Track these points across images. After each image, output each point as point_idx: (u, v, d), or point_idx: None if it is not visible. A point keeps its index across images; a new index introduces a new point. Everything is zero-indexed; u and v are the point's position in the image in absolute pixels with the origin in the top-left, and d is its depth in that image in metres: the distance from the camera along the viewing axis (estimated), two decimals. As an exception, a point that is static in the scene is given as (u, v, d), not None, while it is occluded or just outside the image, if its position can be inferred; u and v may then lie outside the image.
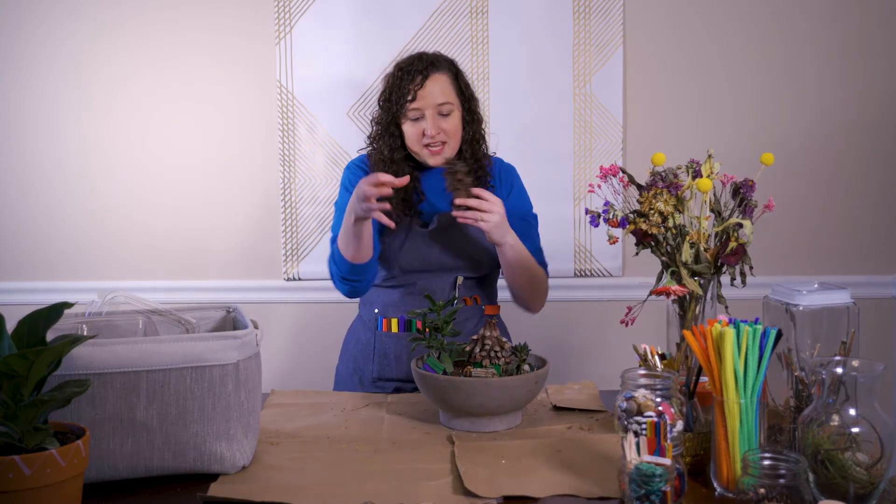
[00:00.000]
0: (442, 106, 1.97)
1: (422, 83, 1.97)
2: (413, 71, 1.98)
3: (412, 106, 1.97)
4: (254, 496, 1.30)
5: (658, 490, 1.17)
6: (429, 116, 1.97)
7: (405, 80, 1.98)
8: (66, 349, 1.17)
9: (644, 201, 1.61)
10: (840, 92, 2.74)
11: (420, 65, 1.99)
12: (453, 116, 1.99)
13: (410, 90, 1.97)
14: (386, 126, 2.02)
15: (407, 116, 1.99)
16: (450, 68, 2.03)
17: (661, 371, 1.43)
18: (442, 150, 2.00)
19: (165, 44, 2.71)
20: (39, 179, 2.75)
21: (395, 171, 1.99)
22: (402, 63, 2.02)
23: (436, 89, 1.97)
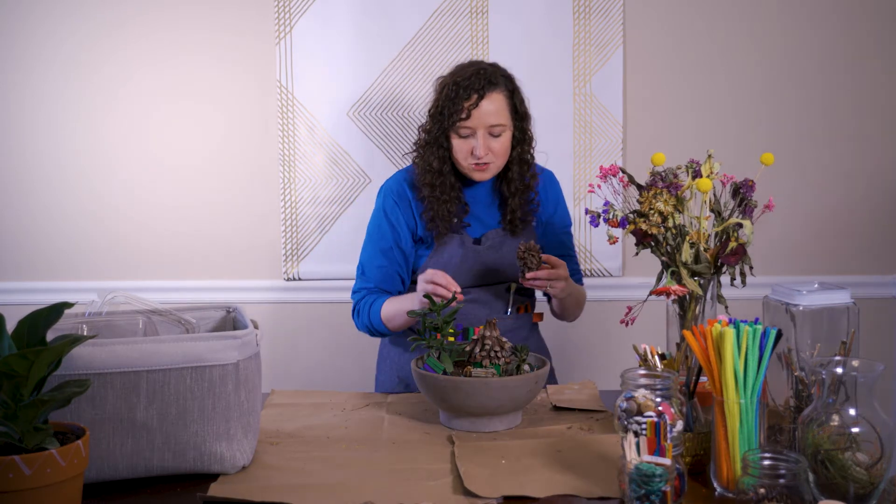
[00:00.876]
0: (494, 127, 1.93)
1: (477, 103, 1.92)
2: (470, 88, 1.92)
3: (464, 124, 1.93)
4: (254, 496, 1.30)
5: (658, 490, 1.17)
6: (480, 136, 1.93)
7: (461, 97, 1.93)
8: (66, 349, 1.17)
9: (644, 201, 1.61)
10: (840, 91, 2.74)
11: (478, 82, 1.93)
12: (504, 137, 1.96)
13: (465, 108, 1.92)
14: (435, 137, 1.98)
15: (457, 132, 1.95)
16: (507, 85, 1.97)
17: (661, 371, 1.43)
18: (488, 168, 1.97)
19: (165, 44, 2.71)
20: (39, 179, 2.75)
21: (442, 183, 1.98)
22: (459, 76, 1.96)
23: (490, 109, 1.93)
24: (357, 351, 2.81)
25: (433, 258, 2.01)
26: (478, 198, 2.06)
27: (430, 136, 2.00)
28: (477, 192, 2.06)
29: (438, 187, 1.98)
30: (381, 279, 2.04)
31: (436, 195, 1.98)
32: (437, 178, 1.98)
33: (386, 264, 2.04)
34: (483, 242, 2.02)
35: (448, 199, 1.99)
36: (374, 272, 2.04)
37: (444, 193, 1.98)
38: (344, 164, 2.74)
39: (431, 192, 1.99)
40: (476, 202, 2.06)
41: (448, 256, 2.00)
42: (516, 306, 2.05)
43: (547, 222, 2.12)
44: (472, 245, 2.01)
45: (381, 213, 2.06)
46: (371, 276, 2.04)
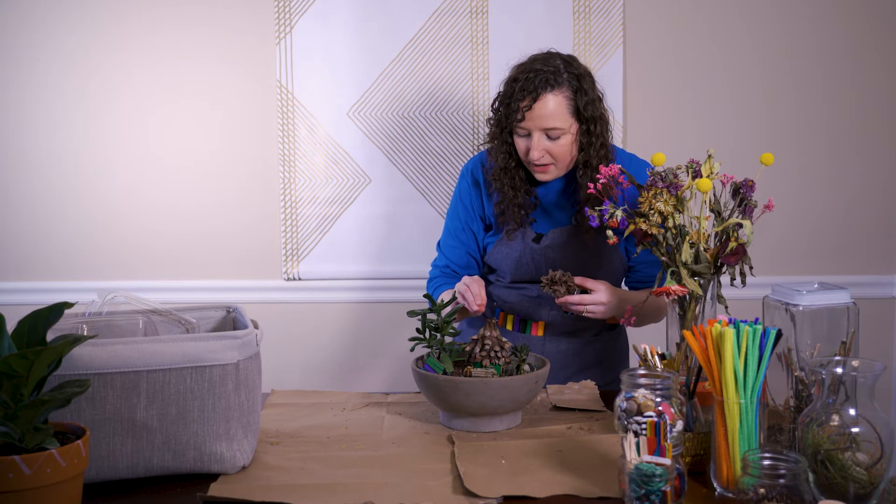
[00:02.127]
0: (551, 130, 1.87)
1: (531, 105, 1.86)
2: (525, 88, 1.87)
3: (520, 125, 1.89)
4: (254, 496, 1.30)
5: (658, 490, 1.17)
6: (535, 138, 1.88)
7: (517, 96, 1.88)
8: (66, 349, 1.17)
9: (644, 201, 1.61)
10: (840, 91, 2.74)
11: (534, 82, 1.86)
12: (563, 139, 1.88)
13: (520, 108, 1.87)
14: (499, 133, 1.96)
15: (516, 132, 1.92)
16: (571, 84, 1.88)
17: (661, 371, 1.43)
18: (548, 169, 1.92)
19: (165, 44, 2.71)
20: (39, 179, 2.75)
21: (510, 178, 1.96)
22: (521, 72, 1.90)
23: (545, 112, 1.86)
24: (357, 351, 2.81)
25: (496, 248, 2.02)
26: (549, 192, 2.01)
27: (495, 131, 1.97)
28: (549, 188, 2.01)
29: (508, 183, 1.97)
30: (452, 258, 2.11)
31: (504, 191, 1.97)
32: (504, 174, 1.97)
33: (456, 245, 2.10)
34: (542, 241, 1.98)
35: (516, 195, 1.96)
36: (447, 251, 2.12)
37: (512, 189, 1.97)
38: (344, 164, 2.74)
39: (501, 187, 1.98)
40: (547, 196, 2.01)
41: (508, 249, 2.00)
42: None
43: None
44: (531, 242, 1.98)
45: (457, 194, 2.11)
46: (445, 253, 2.12)
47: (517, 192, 1.96)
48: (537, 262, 1.98)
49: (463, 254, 2.09)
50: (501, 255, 2.00)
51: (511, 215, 1.97)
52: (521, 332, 2.03)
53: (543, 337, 2.03)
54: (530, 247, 1.98)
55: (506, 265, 2.00)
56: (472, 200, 2.07)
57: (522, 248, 1.98)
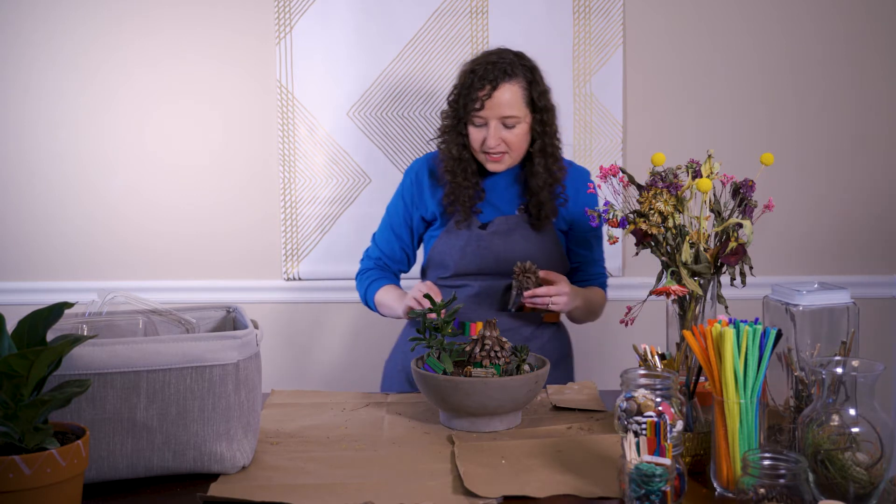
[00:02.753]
0: (507, 119, 1.94)
1: (490, 93, 1.93)
2: (485, 79, 1.94)
3: (477, 114, 1.95)
4: (254, 496, 1.30)
5: (658, 490, 1.17)
6: (491, 127, 1.95)
7: (475, 86, 1.95)
8: (66, 349, 1.17)
9: (644, 201, 1.61)
10: (840, 91, 2.74)
11: (493, 72, 1.94)
12: (518, 128, 1.96)
13: (478, 98, 1.94)
14: (453, 125, 2.01)
15: (472, 121, 1.97)
16: (525, 76, 1.97)
17: (661, 371, 1.43)
18: (502, 159, 1.99)
19: (165, 44, 2.71)
20: (39, 179, 2.75)
21: (462, 169, 2.01)
22: (478, 65, 1.98)
23: (503, 100, 1.94)
24: (357, 351, 2.81)
25: (442, 239, 2.05)
26: (497, 185, 2.07)
27: (449, 124, 2.03)
28: (497, 179, 2.07)
29: (460, 174, 2.01)
30: (386, 251, 2.15)
31: (456, 181, 2.01)
32: (456, 165, 2.01)
33: (392, 239, 2.14)
34: (489, 228, 2.02)
35: (468, 185, 2.01)
36: (382, 244, 2.15)
37: (465, 180, 2.01)
38: (344, 164, 2.74)
39: (452, 178, 2.02)
40: (494, 189, 2.06)
41: (454, 239, 2.03)
42: (517, 304, 2.03)
43: (573, 223, 2.09)
44: (476, 229, 2.02)
45: (399, 191, 2.14)
46: (380, 245, 2.15)
47: (468, 181, 2.01)
48: (483, 251, 2.01)
49: (397, 249, 2.15)
50: (447, 246, 2.03)
51: (461, 204, 2.01)
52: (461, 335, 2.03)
53: None
54: (476, 234, 2.02)
55: (450, 255, 2.02)
56: (412, 198, 2.11)
57: (469, 235, 2.02)
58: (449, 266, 2.04)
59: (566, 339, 2.19)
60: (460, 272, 2.03)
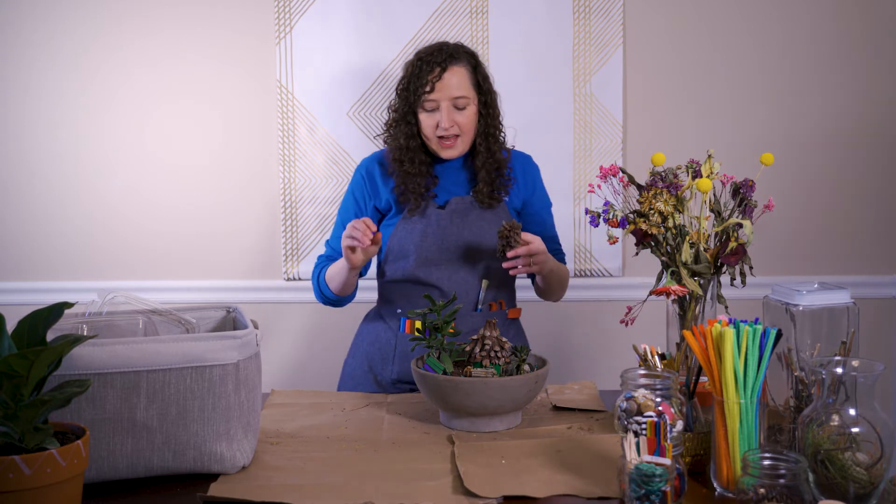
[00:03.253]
0: (458, 99, 1.98)
1: (440, 75, 1.98)
2: (432, 62, 1.99)
3: (429, 97, 1.98)
4: (254, 496, 1.30)
5: (658, 490, 1.17)
6: (444, 109, 1.98)
7: (424, 71, 1.99)
8: (66, 349, 1.17)
9: (644, 201, 1.61)
10: (840, 91, 2.74)
11: (440, 56, 1.99)
12: (468, 110, 2.01)
13: (428, 81, 1.98)
14: (403, 114, 2.04)
15: (423, 107, 2.00)
16: (469, 61, 2.03)
17: (661, 371, 1.43)
18: (454, 144, 2.02)
19: (165, 44, 2.71)
20: (39, 179, 2.75)
21: (410, 158, 2.03)
22: (423, 53, 2.03)
23: (453, 82, 1.98)
24: (357, 351, 2.81)
25: (400, 227, 2.05)
26: (447, 171, 2.09)
27: (398, 115, 2.06)
28: (448, 166, 2.09)
29: (407, 163, 2.03)
30: (337, 250, 2.11)
31: (405, 170, 2.03)
32: (405, 154, 2.03)
33: None
34: (447, 207, 2.04)
35: (418, 172, 2.03)
36: (335, 242, 2.12)
37: (413, 167, 2.03)
38: (344, 164, 2.74)
39: (401, 167, 2.04)
40: (445, 175, 2.08)
41: (413, 224, 2.03)
42: (487, 302, 2.04)
43: (526, 202, 2.13)
44: (435, 210, 2.03)
45: (350, 190, 2.15)
46: (332, 245, 2.13)
47: (418, 168, 2.03)
48: (443, 231, 2.02)
49: None
50: (406, 232, 2.03)
51: (412, 191, 2.02)
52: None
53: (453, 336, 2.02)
54: (436, 213, 2.03)
55: (411, 240, 2.02)
56: (363, 192, 2.11)
57: (428, 217, 2.03)
58: (410, 253, 2.02)
59: (524, 335, 2.20)
60: (422, 258, 2.01)
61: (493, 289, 2.05)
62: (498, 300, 2.07)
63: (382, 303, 2.14)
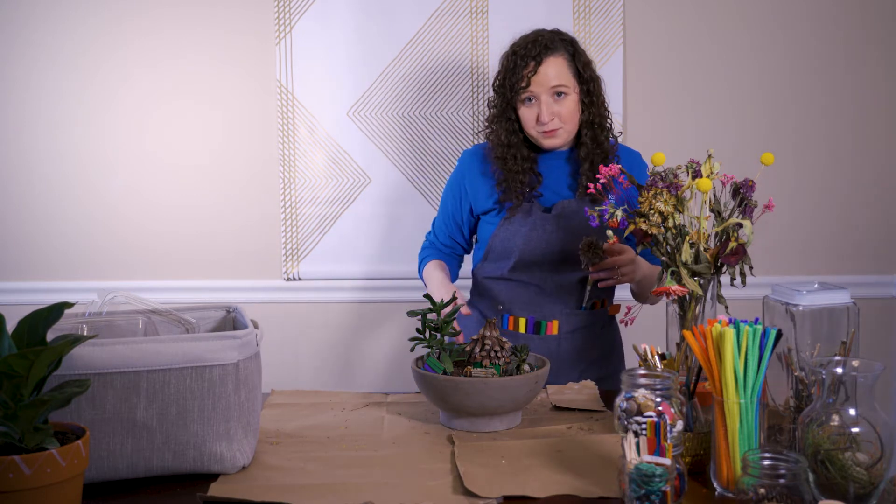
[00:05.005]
0: (556, 88, 1.95)
1: (535, 69, 1.95)
2: (527, 56, 1.96)
3: (525, 91, 1.96)
4: (254, 496, 1.30)
5: (658, 490, 1.17)
6: (543, 101, 1.96)
7: (519, 66, 1.96)
8: (66, 349, 1.17)
9: (644, 201, 1.61)
10: (840, 91, 2.74)
11: (534, 49, 1.96)
12: (569, 99, 1.97)
13: (524, 76, 1.95)
14: (502, 110, 2.02)
15: (521, 101, 1.98)
16: (566, 49, 1.99)
17: (661, 371, 1.43)
18: (557, 134, 1.99)
19: (165, 43, 2.71)
20: (39, 179, 2.75)
21: (513, 155, 2.01)
22: (517, 46, 2.00)
23: (550, 73, 1.95)
24: (357, 351, 2.81)
25: (502, 227, 2.03)
26: (552, 169, 2.05)
27: (497, 110, 2.03)
28: (552, 163, 2.06)
29: (510, 159, 2.01)
30: (441, 237, 2.21)
31: (507, 167, 2.01)
32: (507, 150, 2.01)
33: (444, 229, 2.18)
34: (553, 211, 2.01)
35: (520, 169, 2.00)
36: (438, 229, 2.22)
37: (515, 164, 2.00)
38: (344, 164, 2.74)
39: (503, 164, 2.02)
40: (550, 173, 2.05)
41: (518, 225, 2.01)
42: (591, 301, 2.03)
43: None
44: (540, 213, 2.01)
45: (449, 184, 2.17)
46: (436, 231, 2.22)
47: (521, 165, 2.00)
48: (549, 235, 1.99)
49: (447, 238, 2.18)
50: (509, 233, 2.01)
51: (515, 189, 1.99)
52: (536, 334, 2.03)
53: (559, 336, 2.03)
54: (541, 217, 2.00)
55: (514, 242, 2.00)
56: (461, 190, 2.12)
57: (533, 221, 2.00)
58: (512, 254, 2.01)
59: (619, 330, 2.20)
60: (524, 260, 2.01)
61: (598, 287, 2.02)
62: (602, 298, 2.07)
63: (479, 297, 2.13)
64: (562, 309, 2.02)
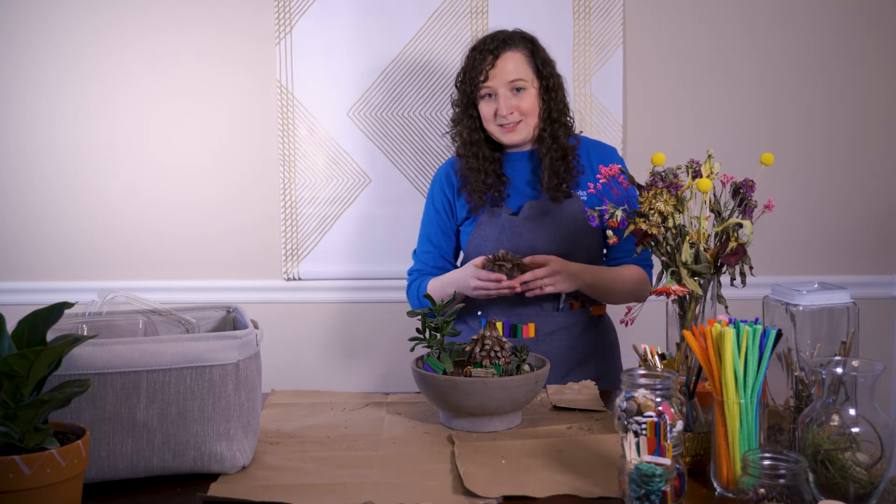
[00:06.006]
0: (514, 83, 1.96)
1: (493, 62, 1.96)
2: (485, 50, 1.98)
3: (484, 85, 1.97)
4: (254, 496, 1.30)
5: (658, 490, 1.17)
6: (501, 95, 1.96)
7: (478, 60, 1.98)
8: (66, 349, 1.17)
9: (644, 201, 1.61)
10: (840, 91, 2.74)
11: (492, 44, 1.98)
12: (528, 94, 1.98)
13: (482, 70, 1.96)
14: (464, 108, 2.03)
15: (481, 96, 1.99)
16: (525, 45, 2.00)
17: (661, 371, 1.43)
18: (516, 129, 1.99)
19: (165, 44, 2.71)
20: (39, 179, 2.75)
21: (474, 153, 2.01)
22: (477, 43, 2.02)
23: (508, 67, 1.96)
24: (357, 351, 2.81)
25: (475, 234, 2.03)
26: (518, 171, 2.06)
27: (460, 109, 2.04)
28: (517, 165, 2.06)
29: (472, 157, 2.01)
30: (426, 263, 2.14)
31: (470, 165, 2.01)
32: (469, 148, 2.02)
33: (431, 250, 2.13)
34: (520, 213, 2.01)
35: (482, 168, 2.01)
36: (423, 256, 2.15)
37: (478, 162, 2.01)
38: (344, 164, 2.74)
39: (467, 163, 2.02)
40: (516, 175, 2.05)
41: (487, 231, 2.01)
42: (568, 301, 2.03)
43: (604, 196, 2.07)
44: (508, 216, 2.01)
45: (430, 201, 2.15)
46: (420, 259, 2.15)
47: (483, 166, 2.00)
48: (517, 238, 2.00)
49: (438, 258, 2.14)
50: (482, 238, 2.02)
51: (476, 189, 2.00)
52: (513, 337, 2.03)
53: (536, 338, 2.02)
54: (509, 220, 2.00)
55: (486, 248, 2.00)
56: (443, 202, 2.11)
57: (502, 224, 2.00)
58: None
59: (613, 332, 2.18)
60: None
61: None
62: (580, 298, 2.05)
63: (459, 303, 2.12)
64: (537, 311, 2.01)
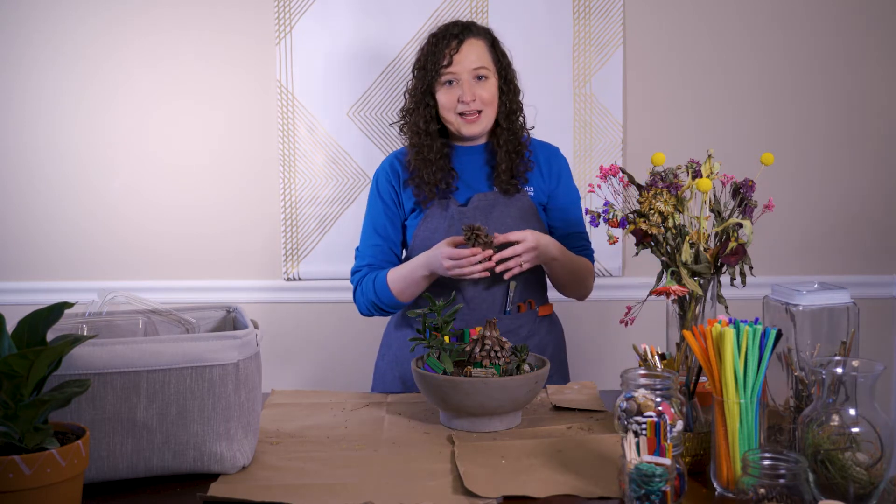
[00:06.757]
0: (478, 70, 1.93)
1: (458, 47, 1.92)
2: (448, 35, 1.94)
3: (447, 70, 1.92)
4: (254, 496, 1.30)
5: (658, 490, 1.17)
6: (464, 81, 1.92)
7: (440, 45, 1.93)
8: (66, 349, 1.17)
9: (644, 201, 1.61)
10: (840, 91, 2.74)
11: (455, 29, 1.95)
12: (490, 83, 1.94)
13: (446, 54, 1.92)
14: (420, 97, 1.96)
15: (441, 83, 1.94)
16: (486, 35, 1.98)
17: (661, 371, 1.43)
18: (478, 119, 1.94)
19: (165, 44, 2.71)
20: (39, 179, 2.75)
21: (429, 144, 1.95)
22: (437, 30, 1.98)
23: (472, 54, 1.93)
24: (357, 351, 2.81)
25: (422, 226, 1.98)
26: (467, 164, 2.02)
27: (415, 98, 1.98)
28: (466, 158, 2.02)
29: (425, 147, 1.96)
30: (376, 256, 2.04)
31: (422, 156, 1.96)
32: (423, 138, 1.96)
33: (380, 242, 2.04)
34: (469, 204, 1.97)
35: (433, 160, 1.95)
36: (370, 251, 2.04)
37: (430, 153, 1.96)
38: (344, 164, 2.74)
39: (417, 154, 1.96)
40: (465, 168, 2.01)
41: (436, 223, 1.97)
42: (516, 304, 2.03)
43: (551, 195, 2.05)
44: (457, 208, 1.96)
45: (375, 192, 2.06)
46: (367, 254, 2.04)
47: (435, 158, 1.95)
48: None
49: (387, 250, 2.04)
50: (429, 230, 1.96)
51: (428, 182, 1.94)
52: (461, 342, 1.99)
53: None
54: (458, 212, 1.96)
55: (434, 240, 1.93)
56: (390, 193, 2.03)
57: (451, 216, 1.96)
58: None
59: (561, 331, 2.16)
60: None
61: (521, 288, 2.00)
62: (527, 300, 2.03)
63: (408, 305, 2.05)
64: (485, 313, 1.96)
